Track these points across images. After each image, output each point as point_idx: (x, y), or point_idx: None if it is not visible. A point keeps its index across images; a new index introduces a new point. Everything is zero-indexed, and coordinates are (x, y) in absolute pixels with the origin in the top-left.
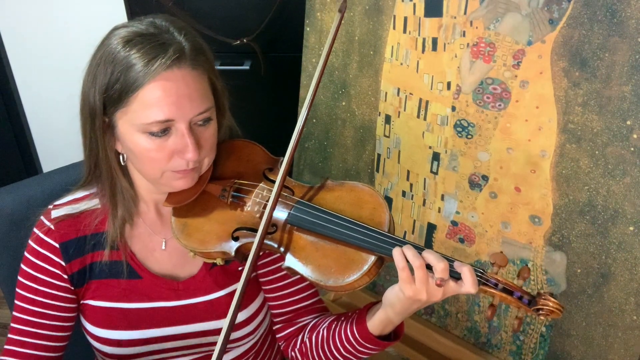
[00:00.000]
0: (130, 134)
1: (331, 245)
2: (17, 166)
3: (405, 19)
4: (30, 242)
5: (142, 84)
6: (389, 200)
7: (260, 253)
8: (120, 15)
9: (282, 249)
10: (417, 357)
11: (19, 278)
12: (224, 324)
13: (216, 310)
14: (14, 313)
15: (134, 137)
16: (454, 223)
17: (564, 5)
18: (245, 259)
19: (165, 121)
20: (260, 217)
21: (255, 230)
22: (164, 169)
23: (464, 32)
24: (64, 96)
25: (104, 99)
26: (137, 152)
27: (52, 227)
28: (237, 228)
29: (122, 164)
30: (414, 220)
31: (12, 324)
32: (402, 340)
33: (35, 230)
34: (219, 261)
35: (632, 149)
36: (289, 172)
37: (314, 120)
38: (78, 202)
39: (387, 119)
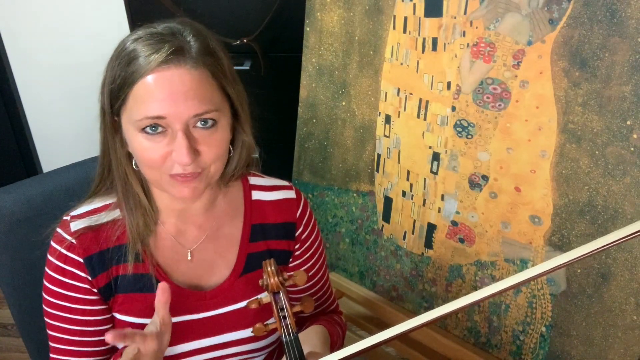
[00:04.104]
0: (130, 133)
1: None
2: (17, 166)
3: (405, 19)
4: (51, 258)
5: (137, 78)
6: (389, 200)
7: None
8: (120, 15)
9: None
10: (417, 357)
11: (47, 297)
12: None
13: (246, 319)
14: (51, 333)
15: (133, 137)
16: (454, 223)
17: (564, 5)
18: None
19: (157, 118)
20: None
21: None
22: (161, 172)
23: (464, 32)
24: (64, 96)
25: (110, 95)
26: (136, 152)
27: (73, 241)
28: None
29: (135, 168)
30: (414, 220)
31: (52, 344)
32: (402, 340)
33: (54, 245)
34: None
35: (632, 149)
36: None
37: (314, 120)
38: (97, 212)
39: (387, 119)
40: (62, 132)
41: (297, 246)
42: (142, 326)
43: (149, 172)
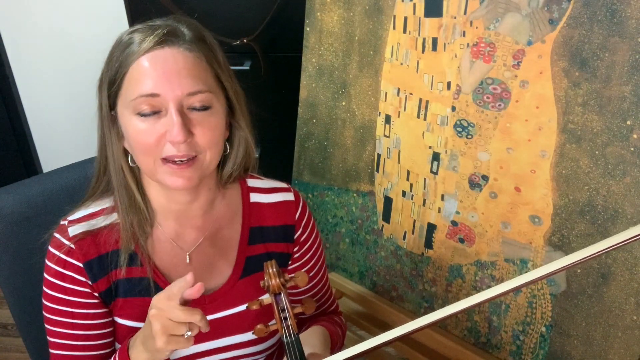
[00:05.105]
0: (126, 119)
1: None
2: (17, 166)
3: (405, 19)
4: (50, 263)
5: (132, 61)
6: (389, 200)
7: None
8: (120, 15)
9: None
10: (417, 357)
11: (48, 303)
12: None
13: (246, 321)
14: (52, 339)
15: (128, 122)
16: (454, 223)
17: (564, 5)
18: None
19: (151, 95)
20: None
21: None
22: (156, 157)
23: (464, 32)
24: (64, 96)
25: (108, 84)
26: (131, 138)
27: (72, 246)
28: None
29: (132, 165)
30: (414, 220)
31: (53, 351)
32: (402, 340)
33: (52, 250)
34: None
35: (632, 149)
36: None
37: (314, 120)
38: (94, 217)
39: (387, 119)
40: (62, 132)
41: (296, 249)
42: None
43: (144, 160)
